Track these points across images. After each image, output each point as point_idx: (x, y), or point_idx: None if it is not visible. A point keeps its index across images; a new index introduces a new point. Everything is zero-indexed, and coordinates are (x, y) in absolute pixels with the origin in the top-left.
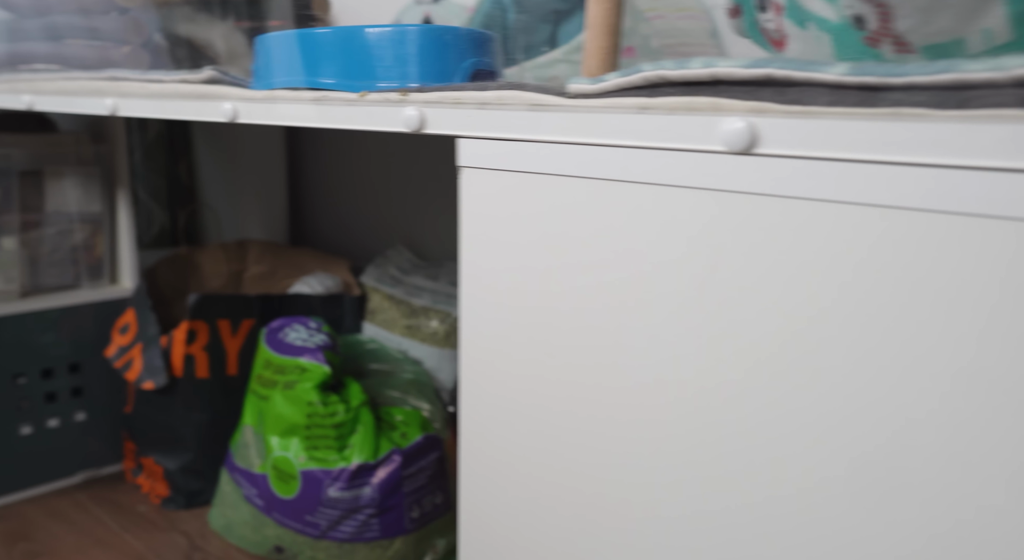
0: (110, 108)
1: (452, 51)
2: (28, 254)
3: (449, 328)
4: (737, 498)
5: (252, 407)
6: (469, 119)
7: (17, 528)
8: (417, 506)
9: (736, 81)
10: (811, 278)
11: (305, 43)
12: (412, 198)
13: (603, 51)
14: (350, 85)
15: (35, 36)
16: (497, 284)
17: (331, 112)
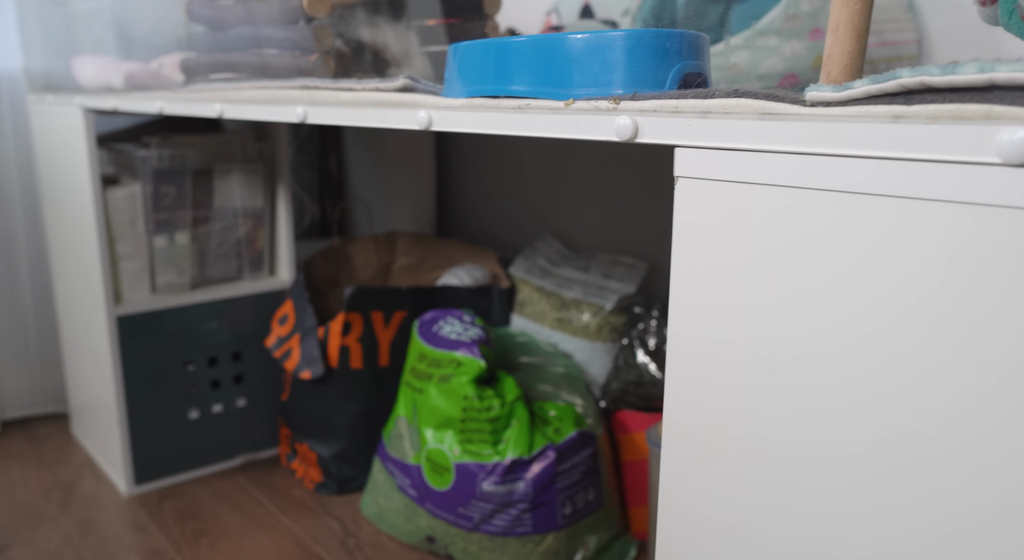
0: (300, 116)
1: (661, 56)
2: (198, 248)
3: (601, 322)
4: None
5: (406, 399)
6: (689, 128)
7: (186, 506)
8: (570, 502)
9: (1014, 86)
10: None
11: (500, 52)
12: (560, 188)
13: (848, 56)
14: (545, 93)
15: (225, 47)
16: (711, 298)
17: (534, 121)
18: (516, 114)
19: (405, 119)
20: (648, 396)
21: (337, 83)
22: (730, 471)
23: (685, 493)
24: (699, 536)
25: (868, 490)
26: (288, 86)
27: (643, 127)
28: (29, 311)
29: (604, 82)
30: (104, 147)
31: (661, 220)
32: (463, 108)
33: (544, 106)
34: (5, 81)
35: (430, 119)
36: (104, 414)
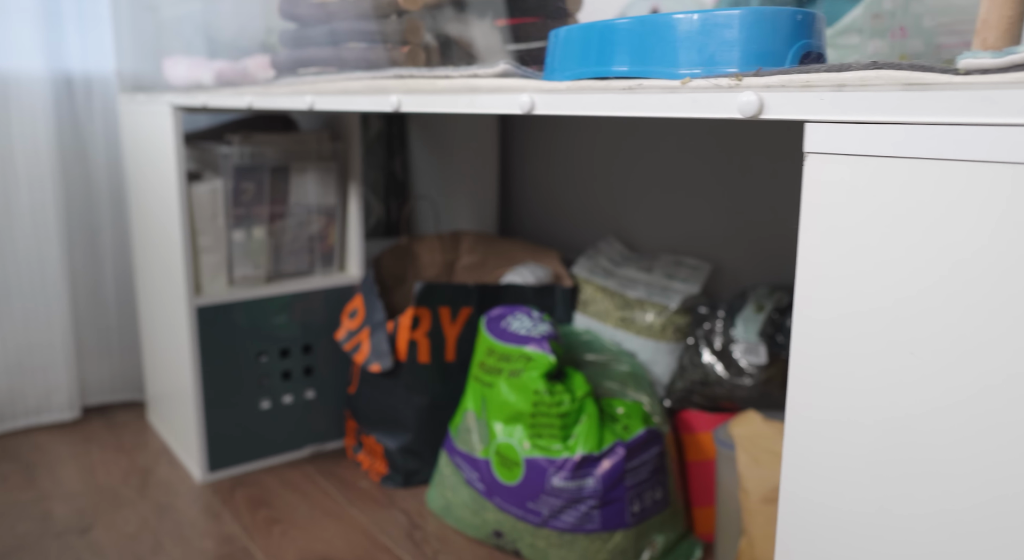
0: (395, 104)
1: (780, 34)
2: (273, 243)
3: (665, 321)
4: None
5: (474, 393)
6: (821, 102)
7: (257, 494)
8: (638, 500)
9: None
10: None
11: (604, 32)
12: (620, 188)
13: (1007, 21)
14: (652, 72)
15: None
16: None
17: (647, 101)
18: (627, 94)
19: (505, 104)
20: (714, 396)
21: (433, 71)
22: (865, 467)
23: (812, 489)
24: (827, 537)
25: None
26: (382, 76)
27: (769, 103)
28: (112, 302)
29: (719, 61)
30: (188, 145)
31: (725, 221)
32: (568, 90)
33: (657, 85)
34: (98, 82)
35: (532, 103)
36: (180, 402)
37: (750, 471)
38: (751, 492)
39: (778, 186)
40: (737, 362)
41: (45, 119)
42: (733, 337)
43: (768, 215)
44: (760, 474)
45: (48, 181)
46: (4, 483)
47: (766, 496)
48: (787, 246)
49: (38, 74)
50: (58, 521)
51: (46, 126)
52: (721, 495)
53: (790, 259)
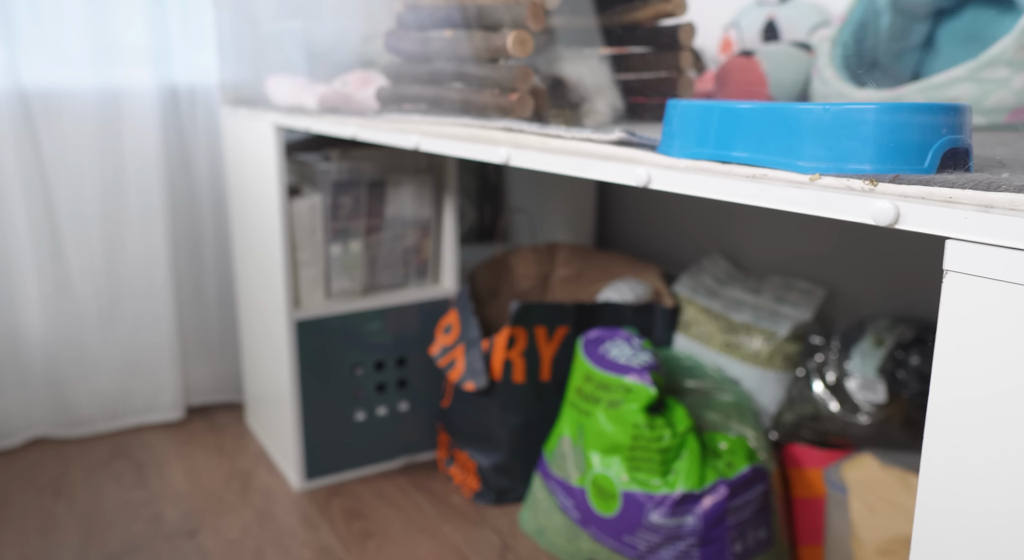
0: (503, 158)
1: (920, 130)
2: (369, 256)
3: (773, 349)
4: None
5: (571, 419)
6: (966, 221)
7: (353, 506)
8: (740, 540)
9: None
10: None
11: (724, 115)
12: (727, 204)
13: None
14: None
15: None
16: (981, 402)
17: (770, 192)
18: (750, 183)
19: (621, 174)
20: (824, 432)
21: (544, 129)
22: None
23: None
24: None
25: None
26: (491, 126)
27: (906, 214)
28: (213, 306)
29: (850, 156)
30: (287, 157)
31: (843, 242)
32: (687, 171)
33: (783, 178)
34: (201, 93)
35: (649, 177)
36: (278, 410)
37: (864, 520)
38: (865, 542)
39: None
40: (852, 398)
41: (153, 129)
42: (848, 371)
43: (892, 239)
44: (875, 524)
45: (156, 189)
46: (118, 481)
47: (882, 548)
48: (912, 274)
49: (147, 86)
50: (168, 523)
51: (154, 136)
52: (831, 539)
53: (914, 289)
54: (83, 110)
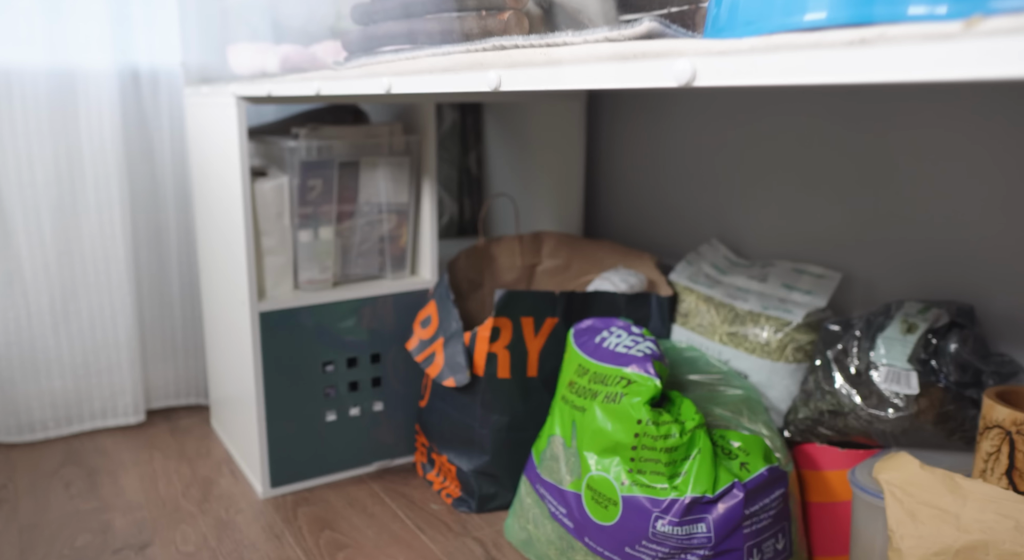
0: (493, 82)
1: None
2: (341, 244)
3: (785, 338)
4: None
5: (563, 416)
6: None
7: (321, 514)
8: (757, 551)
9: None
10: None
11: None
12: (727, 183)
13: None
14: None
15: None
16: None
17: (894, 57)
18: (858, 50)
19: (651, 74)
20: (845, 428)
21: (544, 38)
22: None
23: None
24: None
25: None
26: (476, 48)
27: None
28: (176, 302)
29: None
30: (254, 139)
31: (857, 223)
32: (752, 50)
33: (915, 34)
34: (164, 77)
35: (694, 71)
36: (243, 411)
37: (905, 528)
38: (906, 554)
39: (927, 182)
40: (879, 390)
41: (111, 114)
42: (874, 360)
43: (915, 216)
44: (919, 533)
45: (114, 178)
46: (68, 490)
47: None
48: (940, 255)
49: (105, 68)
50: (117, 535)
51: (112, 122)
52: (857, 549)
53: (943, 271)
54: (34, 93)
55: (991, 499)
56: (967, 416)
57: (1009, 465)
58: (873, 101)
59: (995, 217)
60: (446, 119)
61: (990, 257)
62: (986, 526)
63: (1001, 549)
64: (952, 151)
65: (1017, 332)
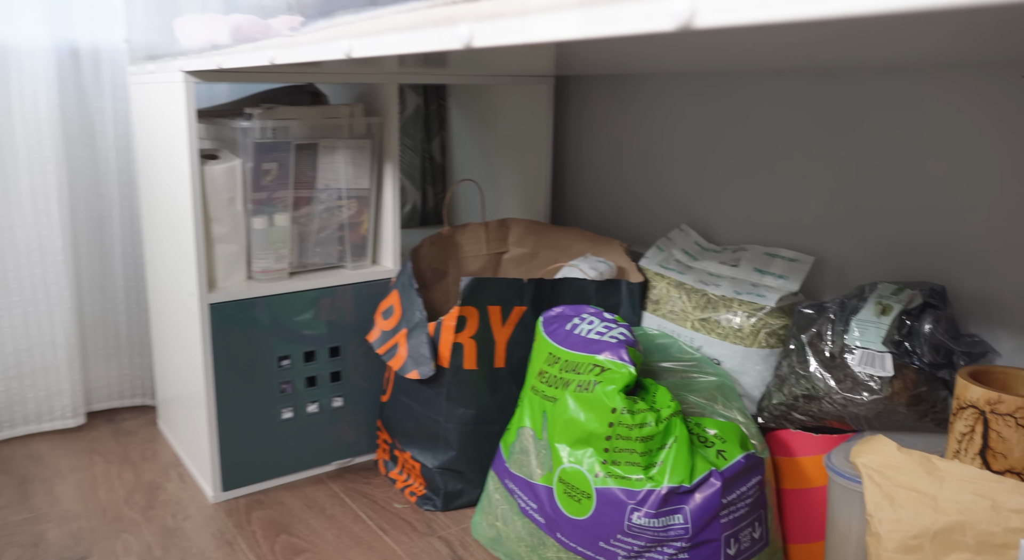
0: (464, 38)
1: None
2: (298, 232)
3: (758, 323)
4: None
5: (533, 407)
6: None
7: (277, 517)
8: (735, 541)
9: None
10: None
11: None
12: (697, 169)
13: None
14: None
15: None
16: None
17: None
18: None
19: (644, 17)
20: (820, 413)
21: None
22: None
23: None
24: None
25: None
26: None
27: None
28: (120, 296)
29: None
30: (204, 121)
31: (828, 206)
32: None
33: None
34: (107, 54)
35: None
36: (193, 410)
37: (883, 512)
38: (885, 538)
39: (898, 165)
40: (853, 373)
41: (48, 94)
42: (848, 344)
43: (885, 199)
44: (897, 516)
45: (51, 163)
46: None
47: (904, 544)
48: (910, 237)
49: (40, 44)
50: (51, 548)
51: (48, 102)
52: (834, 535)
53: (913, 253)
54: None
55: (967, 479)
56: (939, 398)
57: (983, 445)
58: (845, 84)
59: (963, 199)
60: (409, 104)
61: (959, 239)
62: (963, 507)
63: (978, 529)
64: (921, 135)
65: (986, 313)
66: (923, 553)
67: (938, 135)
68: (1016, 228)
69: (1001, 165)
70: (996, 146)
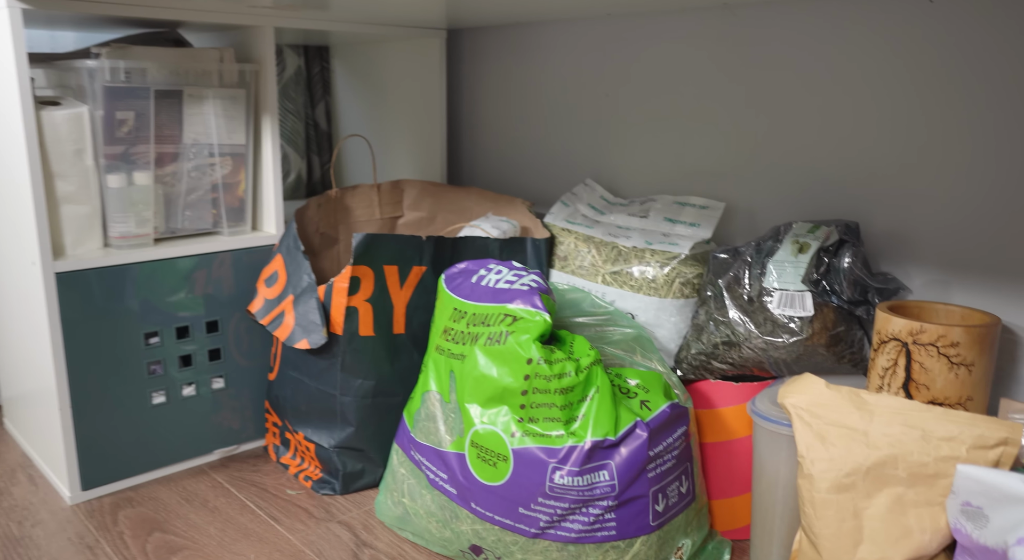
0: None
1: None
2: (164, 192)
3: (672, 273)
4: None
5: (438, 368)
6: None
7: (149, 515)
8: (662, 497)
9: None
10: None
11: None
12: (600, 123)
13: None
14: None
15: None
16: None
17: None
18: None
19: None
20: (741, 360)
21: None
22: None
23: None
24: None
25: None
26: None
27: None
28: None
29: None
30: (44, 65)
31: (735, 153)
32: None
33: None
34: None
35: None
36: (43, 402)
37: (815, 452)
38: (817, 478)
39: (804, 107)
40: (773, 316)
41: None
42: (766, 286)
43: (792, 142)
44: (829, 455)
45: None
46: None
47: (838, 483)
48: (818, 178)
49: None
50: None
51: None
52: (761, 483)
53: (823, 194)
54: None
55: (897, 411)
56: (856, 338)
57: (906, 377)
58: (749, 21)
59: (872, 135)
60: (289, 65)
61: (869, 177)
62: (894, 439)
63: (910, 461)
64: (829, 69)
65: (897, 250)
66: (856, 491)
67: (845, 69)
68: (926, 162)
69: (909, 97)
70: (904, 78)
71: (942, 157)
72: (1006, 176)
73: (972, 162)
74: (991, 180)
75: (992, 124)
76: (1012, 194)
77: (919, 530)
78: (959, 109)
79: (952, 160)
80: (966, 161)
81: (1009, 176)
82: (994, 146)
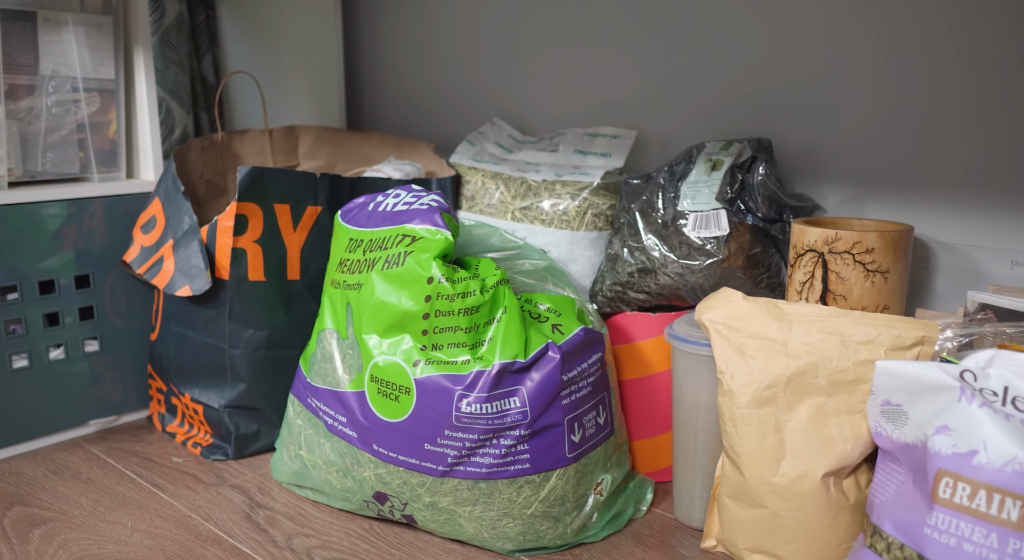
0: None
1: None
2: (18, 130)
3: (582, 204)
4: None
5: (335, 303)
6: None
7: (11, 490)
8: (579, 426)
9: None
10: None
11: None
12: (504, 61)
13: None
14: None
15: None
16: None
17: None
18: None
19: None
20: (657, 287)
21: None
22: None
23: None
24: None
25: None
26: None
27: None
28: None
29: None
30: None
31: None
32: None
33: None
34: None
35: None
36: None
37: (734, 366)
38: (737, 393)
39: (714, 22)
40: (688, 239)
41: None
42: (681, 209)
43: (703, 62)
44: (749, 369)
45: None
46: None
47: (758, 396)
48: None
49: None
50: None
51: None
52: (681, 410)
53: (734, 119)
54: None
55: (815, 318)
56: (773, 262)
57: (823, 289)
58: None
59: (783, 53)
60: (169, 10)
61: (779, 96)
62: (813, 347)
63: (829, 367)
64: None
65: (810, 169)
66: (777, 404)
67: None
68: (838, 78)
69: (821, 8)
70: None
71: (852, 70)
72: (920, 87)
73: (887, 73)
74: (904, 92)
75: (904, 34)
76: (925, 105)
77: (840, 439)
78: (869, 21)
79: (864, 72)
80: (880, 72)
81: (923, 87)
82: (909, 57)
